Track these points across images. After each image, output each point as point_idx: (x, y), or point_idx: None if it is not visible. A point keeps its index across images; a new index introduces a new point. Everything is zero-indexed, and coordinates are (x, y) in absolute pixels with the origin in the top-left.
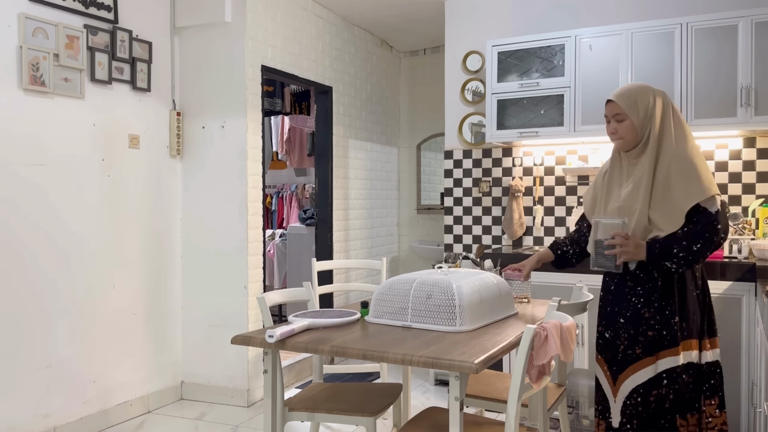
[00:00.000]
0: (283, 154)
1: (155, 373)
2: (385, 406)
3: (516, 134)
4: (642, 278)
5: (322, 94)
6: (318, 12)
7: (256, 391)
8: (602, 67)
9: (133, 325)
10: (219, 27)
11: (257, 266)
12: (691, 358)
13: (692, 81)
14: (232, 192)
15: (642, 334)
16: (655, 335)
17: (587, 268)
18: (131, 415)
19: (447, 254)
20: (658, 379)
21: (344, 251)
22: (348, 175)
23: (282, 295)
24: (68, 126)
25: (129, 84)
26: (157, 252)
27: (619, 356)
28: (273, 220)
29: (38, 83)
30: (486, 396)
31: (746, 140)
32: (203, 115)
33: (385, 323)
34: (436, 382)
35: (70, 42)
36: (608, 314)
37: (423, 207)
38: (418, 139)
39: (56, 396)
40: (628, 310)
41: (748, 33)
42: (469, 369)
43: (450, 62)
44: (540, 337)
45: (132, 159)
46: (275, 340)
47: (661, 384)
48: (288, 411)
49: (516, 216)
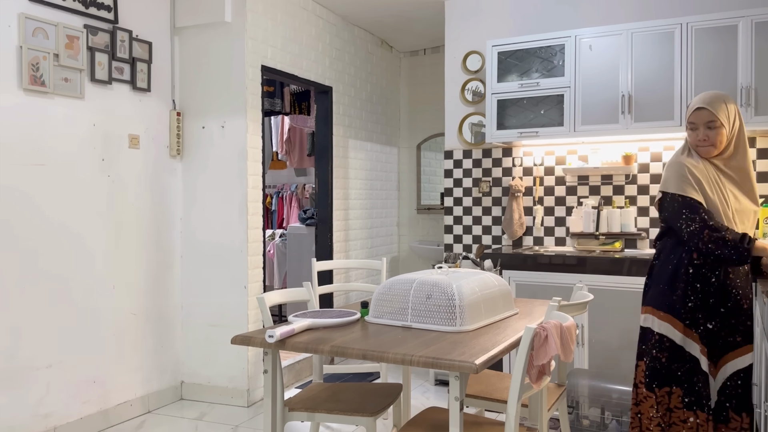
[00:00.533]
0: (283, 154)
1: (155, 373)
2: (385, 406)
3: (516, 134)
4: (739, 270)
5: (322, 94)
6: (318, 12)
7: (256, 391)
8: (602, 67)
9: (133, 325)
10: (219, 27)
11: (257, 266)
12: None
13: (692, 81)
14: (232, 192)
15: (742, 324)
16: (752, 324)
17: (587, 268)
18: (131, 415)
19: (447, 254)
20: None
21: (344, 251)
22: (348, 175)
23: (282, 295)
24: (68, 126)
25: (129, 84)
26: (157, 252)
27: (720, 342)
28: (273, 220)
29: (38, 83)
30: (486, 396)
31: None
32: (203, 115)
33: (385, 323)
34: (436, 382)
35: (70, 42)
36: (709, 306)
37: (423, 207)
38: (418, 139)
39: (56, 396)
40: (729, 300)
41: (748, 33)
42: (469, 369)
43: (450, 62)
44: (540, 337)
45: (132, 159)
46: (275, 340)
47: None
48: (288, 411)
49: (516, 216)
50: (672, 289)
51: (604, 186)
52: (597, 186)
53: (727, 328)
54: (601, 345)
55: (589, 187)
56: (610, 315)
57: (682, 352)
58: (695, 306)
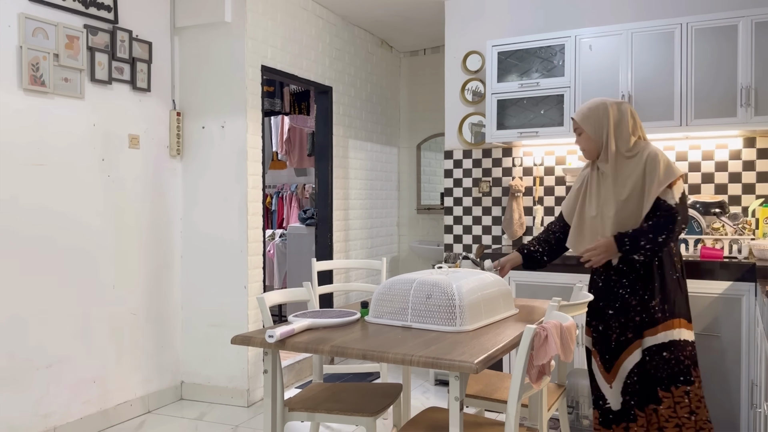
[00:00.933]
0: (283, 154)
1: (155, 373)
2: (385, 406)
3: (516, 134)
4: (625, 270)
5: (322, 94)
6: (318, 12)
7: (256, 391)
8: (602, 67)
9: (133, 325)
10: (219, 27)
11: (257, 266)
12: (672, 337)
13: (692, 81)
14: (232, 192)
15: (631, 320)
16: (640, 319)
17: (587, 268)
18: (131, 415)
19: (447, 254)
20: (642, 356)
21: (344, 251)
22: (348, 175)
23: (282, 295)
24: (68, 126)
25: (129, 84)
26: (157, 252)
27: (612, 345)
28: (273, 220)
29: (38, 83)
30: (486, 396)
31: (746, 140)
32: (203, 115)
33: (385, 323)
34: (436, 382)
35: (70, 42)
36: (599, 309)
37: (423, 207)
38: (418, 139)
39: (56, 396)
40: (617, 301)
41: (748, 33)
42: (469, 369)
43: (450, 62)
44: (540, 337)
45: (132, 159)
46: (275, 340)
47: (644, 361)
48: (288, 411)
49: (516, 216)
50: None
51: None
52: None
53: (618, 329)
54: None
55: None
56: None
57: (592, 376)
58: (588, 309)
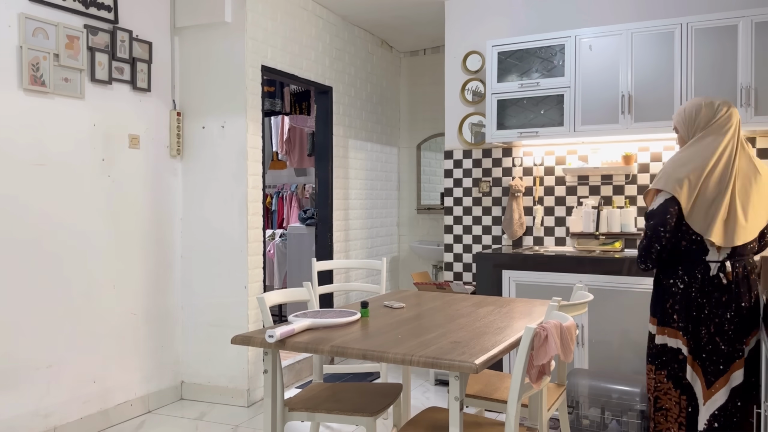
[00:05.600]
0: (283, 154)
1: (155, 373)
2: (385, 406)
3: (516, 134)
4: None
5: (322, 94)
6: (318, 12)
7: (256, 391)
8: (602, 67)
9: (133, 325)
10: (219, 27)
11: (257, 266)
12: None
13: (692, 81)
14: (232, 192)
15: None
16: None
17: (587, 268)
18: (131, 415)
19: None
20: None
21: (344, 251)
22: (348, 175)
23: (282, 295)
24: (68, 126)
25: (129, 84)
26: (157, 252)
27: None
28: (273, 220)
29: (38, 83)
30: (486, 396)
31: (746, 140)
32: (203, 115)
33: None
34: (436, 382)
35: (70, 42)
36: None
37: (423, 207)
38: (418, 139)
39: (56, 396)
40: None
41: (748, 33)
42: (469, 369)
43: (450, 62)
44: (540, 337)
45: (132, 159)
46: (275, 340)
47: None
48: (288, 411)
49: (516, 216)
50: None
51: (604, 186)
52: (597, 186)
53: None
54: (601, 345)
55: (589, 187)
56: (610, 315)
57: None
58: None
